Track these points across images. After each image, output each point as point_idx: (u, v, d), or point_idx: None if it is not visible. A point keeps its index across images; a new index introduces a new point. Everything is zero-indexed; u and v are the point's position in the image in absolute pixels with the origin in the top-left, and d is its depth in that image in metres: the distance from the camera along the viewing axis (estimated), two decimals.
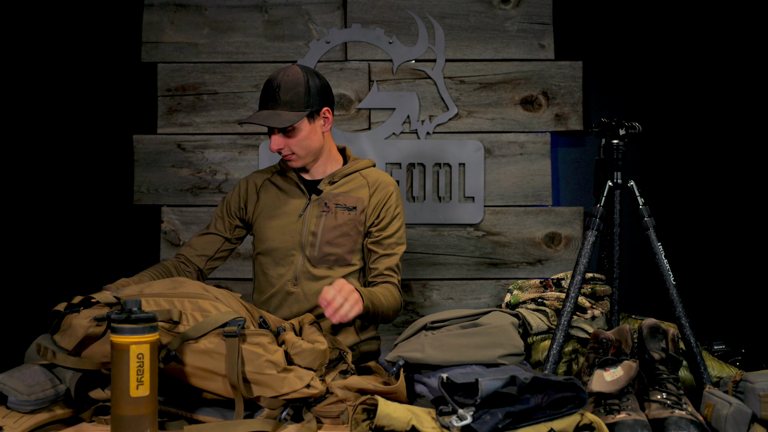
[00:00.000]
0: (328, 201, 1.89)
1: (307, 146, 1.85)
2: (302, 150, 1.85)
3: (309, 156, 1.88)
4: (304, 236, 1.88)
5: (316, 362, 1.37)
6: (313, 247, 1.87)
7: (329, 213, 1.88)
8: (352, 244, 1.88)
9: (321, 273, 1.87)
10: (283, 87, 1.79)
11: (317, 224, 1.88)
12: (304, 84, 1.80)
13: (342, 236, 1.87)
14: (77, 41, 2.85)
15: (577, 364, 1.69)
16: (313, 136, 1.85)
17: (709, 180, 2.81)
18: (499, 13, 2.81)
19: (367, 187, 1.92)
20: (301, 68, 1.83)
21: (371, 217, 1.90)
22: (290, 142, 1.83)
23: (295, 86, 1.80)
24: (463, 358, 1.47)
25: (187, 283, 1.50)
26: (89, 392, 1.39)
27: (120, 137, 2.83)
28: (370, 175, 1.95)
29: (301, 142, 1.83)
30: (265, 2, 2.82)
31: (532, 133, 2.79)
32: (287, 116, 1.79)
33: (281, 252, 1.90)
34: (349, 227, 1.87)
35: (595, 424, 1.22)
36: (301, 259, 1.88)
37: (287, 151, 1.85)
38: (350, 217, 1.88)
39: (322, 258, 1.87)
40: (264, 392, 1.32)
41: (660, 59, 2.84)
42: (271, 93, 1.80)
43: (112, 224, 2.87)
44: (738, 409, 1.28)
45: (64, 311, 1.44)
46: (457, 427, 1.17)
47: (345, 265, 1.88)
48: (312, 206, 1.90)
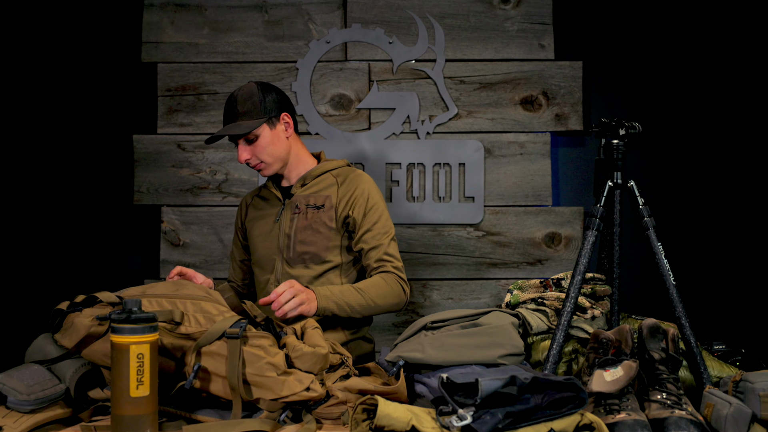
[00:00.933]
0: (299, 203, 1.96)
1: (272, 152, 1.93)
2: (269, 157, 1.93)
3: (277, 162, 1.96)
4: (281, 240, 1.96)
5: (316, 366, 1.37)
6: (289, 249, 1.94)
7: (300, 214, 1.95)
8: (325, 241, 1.92)
9: (298, 273, 1.93)
10: (239, 100, 1.90)
11: (290, 226, 1.95)
12: (258, 93, 1.91)
13: (313, 234, 1.93)
14: (77, 41, 2.85)
15: (577, 364, 1.69)
16: (277, 142, 1.94)
17: (709, 180, 2.81)
18: (499, 13, 2.81)
19: (336, 185, 1.98)
20: (255, 83, 1.94)
21: (342, 213, 1.94)
22: (255, 150, 1.92)
23: (250, 96, 1.90)
24: (463, 358, 1.47)
25: (189, 285, 1.51)
26: (88, 392, 1.39)
27: (120, 137, 2.83)
28: (340, 174, 2.01)
29: (266, 148, 1.92)
30: (265, 2, 2.82)
31: (532, 133, 2.79)
32: (246, 124, 1.88)
33: (265, 259, 2.00)
34: (319, 224, 1.93)
35: (595, 424, 1.22)
36: (281, 262, 1.96)
37: (255, 161, 1.94)
38: (318, 214, 1.93)
39: (297, 258, 1.93)
40: (264, 395, 1.32)
41: (660, 59, 2.84)
42: (230, 108, 1.91)
43: (112, 224, 2.87)
44: (738, 409, 1.28)
45: (66, 310, 1.45)
46: (457, 427, 1.17)
47: (320, 262, 1.93)
48: (285, 210, 1.98)
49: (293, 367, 1.36)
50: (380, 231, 1.93)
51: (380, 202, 1.97)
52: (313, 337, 1.46)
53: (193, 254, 2.79)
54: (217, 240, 2.79)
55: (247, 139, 1.91)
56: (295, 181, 2.01)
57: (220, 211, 2.81)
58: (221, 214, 2.80)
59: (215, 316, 1.40)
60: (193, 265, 2.79)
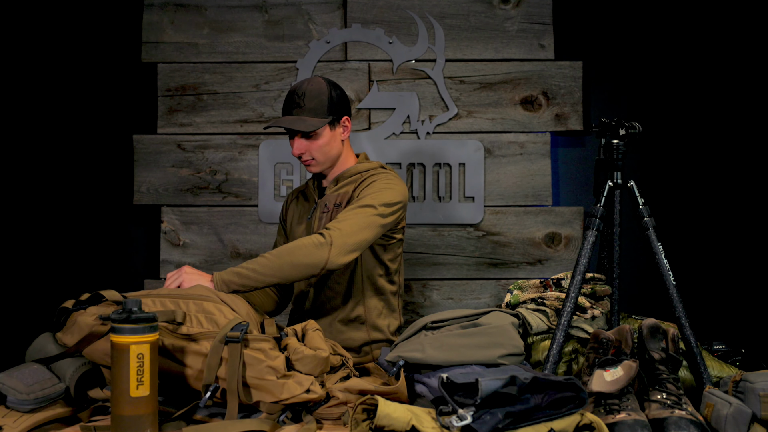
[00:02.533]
0: (328, 203, 1.96)
1: (327, 152, 1.92)
2: (322, 156, 1.92)
3: (327, 162, 1.95)
4: None
5: (317, 369, 1.37)
6: None
7: (328, 213, 1.94)
8: None
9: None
10: (307, 95, 1.87)
11: (319, 225, 1.94)
12: (327, 93, 1.89)
13: None
14: (77, 41, 2.85)
15: (577, 364, 1.69)
16: (333, 143, 1.93)
17: (709, 180, 2.81)
18: (499, 13, 2.81)
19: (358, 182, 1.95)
20: (324, 79, 1.92)
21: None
22: (311, 147, 1.90)
23: (319, 94, 1.87)
24: (463, 358, 1.47)
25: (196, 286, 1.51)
26: (88, 391, 1.39)
27: (120, 137, 2.83)
28: (368, 173, 1.98)
29: (322, 147, 1.90)
30: (265, 2, 2.82)
31: (532, 133, 2.79)
32: (311, 121, 1.86)
33: None
34: None
35: (595, 424, 1.22)
36: None
37: (308, 156, 1.92)
38: (339, 212, 1.91)
39: None
40: (263, 397, 1.33)
41: (660, 59, 2.84)
42: (296, 100, 1.88)
43: (112, 224, 2.87)
44: (738, 409, 1.28)
45: (71, 308, 1.45)
46: (457, 427, 1.17)
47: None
48: (316, 209, 1.98)
49: (293, 369, 1.36)
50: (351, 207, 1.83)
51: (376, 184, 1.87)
52: (314, 339, 1.46)
53: (193, 254, 2.79)
54: (217, 240, 2.79)
55: (307, 135, 1.89)
56: (330, 181, 2.00)
57: (220, 211, 2.81)
58: (221, 214, 2.80)
59: (217, 317, 1.40)
60: (193, 265, 2.79)
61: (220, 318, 1.40)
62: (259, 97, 2.80)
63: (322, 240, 1.72)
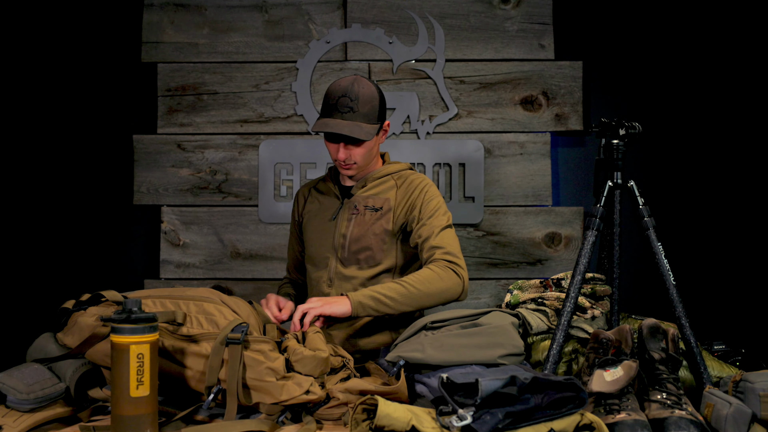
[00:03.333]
0: (357, 204, 1.92)
1: (368, 157, 1.89)
2: (363, 161, 1.88)
3: (366, 165, 1.92)
4: (336, 239, 1.92)
5: (317, 370, 1.37)
6: (344, 249, 1.90)
7: (358, 215, 1.91)
8: (380, 244, 1.89)
9: (351, 273, 1.90)
10: (361, 99, 1.80)
11: (347, 227, 1.91)
12: (378, 98, 1.85)
13: (369, 236, 1.89)
14: (77, 41, 2.85)
15: (577, 364, 1.69)
16: (374, 149, 1.90)
17: (709, 180, 2.81)
18: (499, 13, 2.81)
19: (396, 188, 1.94)
20: (370, 81, 1.86)
21: (399, 217, 1.90)
22: (356, 152, 1.85)
23: (371, 100, 1.82)
24: (463, 358, 1.47)
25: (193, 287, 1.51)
26: (88, 391, 1.39)
27: (120, 137, 2.83)
28: (400, 177, 1.97)
29: (366, 153, 1.87)
30: (265, 2, 2.82)
31: (532, 133, 2.79)
32: (367, 128, 1.81)
33: (319, 256, 1.96)
34: (376, 227, 1.89)
35: (595, 424, 1.22)
36: (334, 261, 1.92)
37: (350, 161, 1.87)
38: (377, 217, 1.90)
39: (351, 258, 1.90)
40: (263, 398, 1.33)
41: (660, 59, 2.84)
42: (349, 104, 1.79)
43: (112, 224, 2.87)
44: (738, 409, 1.28)
45: (72, 308, 1.45)
46: (457, 427, 1.17)
47: (374, 264, 1.90)
48: (343, 210, 1.94)
49: (293, 371, 1.36)
50: (434, 224, 1.86)
51: (436, 199, 1.91)
52: (314, 341, 1.45)
53: (193, 254, 2.79)
54: (217, 240, 2.79)
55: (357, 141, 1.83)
56: (357, 181, 1.96)
57: (220, 211, 2.81)
58: (221, 214, 2.80)
59: (217, 318, 1.40)
60: (193, 265, 2.79)
61: (221, 319, 1.40)
62: (259, 97, 2.80)
63: (457, 275, 1.78)
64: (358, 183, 1.95)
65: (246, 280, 2.80)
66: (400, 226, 1.91)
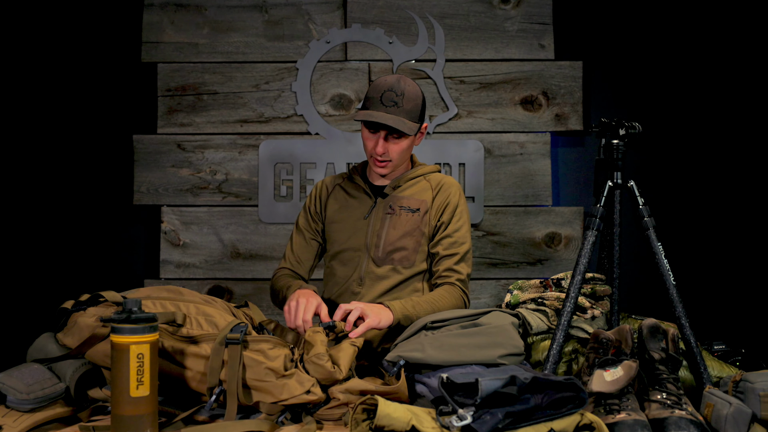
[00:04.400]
0: (393, 204, 1.92)
1: (404, 156, 1.91)
2: (399, 159, 1.89)
3: (400, 165, 1.93)
4: (369, 238, 1.91)
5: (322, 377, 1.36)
6: (378, 248, 1.89)
7: (394, 215, 1.91)
8: (415, 245, 1.89)
9: (385, 273, 1.89)
10: (406, 96, 1.83)
11: (382, 226, 1.90)
12: (422, 98, 1.88)
13: (405, 237, 1.89)
14: (77, 41, 2.85)
15: (577, 364, 1.69)
16: (410, 149, 1.93)
17: (708, 180, 2.81)
18: (499, 13, 2.81)
19: (431, 189, 1.94)
20: (414, 82, 1.89)
21: (434, 219, 1.91)
22: (393, 148, 1.86)
23: (416, 98, 1.86)
24: (463, 358, 1.47)
25: (185, 292, 1.50)
26: (88, 391, 1.39)
27: (120, 137, 2.83)
28: (434, 179, 1.97)
29: (403, 151, 1.88)
30: (265, 2, 2.82)
31: (532, 133, 2.79)
32: (410, 125, 1.83)
33: (348, 253, 1.93)
34: (412, 229, 1.89)
35: (595, 424, 1.22)
36: (366, 260, 1.90)
37: (386, 157, 1.87)
38: (414, 218, 1.90)
39: (386, 259, 1.89)
40: (263, 398, 1.33)
41: (660, 59, 2.84)
42: (394, 98, 1.82)
43: (112, 224, 2.87)
44: (738, 409, 1.28)
45: (71, 309, 1.45)
46: (457, 427, 1.17)
47: (409, 266, 1.89)
48: (377, 209, 1.93)
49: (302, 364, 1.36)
50: (458, 240, 1.89)
51: (466, 213, 1.94)
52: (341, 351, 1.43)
53: (193, 254, 2.79)
54: (217, 240, 2.79)
55: (394, 134, 1.84)
56: (388, 181, 1.96)
57: (220, 211, 2.81)
58: (221, 214, 2.80)
59: (216, 319, 1.40)
60: (193, 265, 2.79)
61: (220, 320, 1.40)
62: (259, 97, 2.80)
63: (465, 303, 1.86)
64: (391, 183, 1.95)
65: (246, 280, 2.80)
66: (434, 229, 1.92)
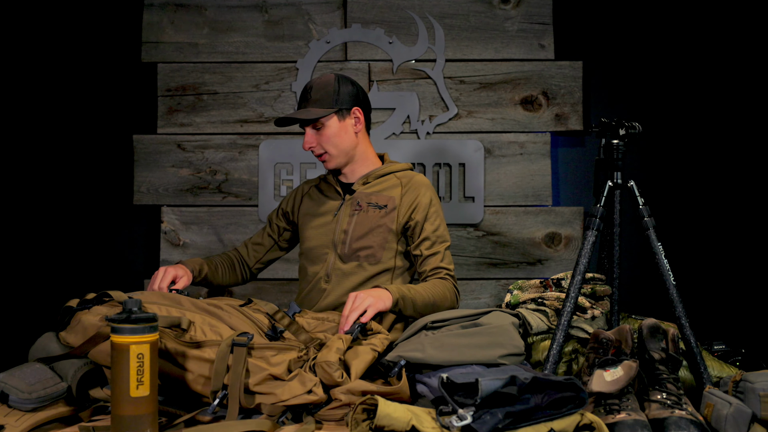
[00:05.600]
0: (360, 200, 1.94)
1: (338, 144, 1.92)
2: (333, 148, 1.92)
3: (341, 156, 1.94)
4: (337, 234, 1.93)
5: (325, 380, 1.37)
6: (344, 245, 1.91)
7: (361, 211, 1.93)
8: (382, 242, 1.90)
9: (351, 270, 1.91)
10: (314, 87, 1.91)
11: (349, 222, 1.92)
12: (333, 85, 1.91)
13: (372, 234, 1.90)
14: (77, 41, 2.85)
15: (577, 364, 1.69)
16: (344, 135, 1.92)
17: (708, 180, 2.81)
18: (499, 13, 2.81)
19: (400, 186, 1.96)
20: (335, 74, 1.95)
21: (403, 217, 1.92)
22: (321, 139, 1.91)
23: (325, 86, 1.90)
24: (463, 358, 1.47)
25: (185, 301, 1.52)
26: (90, 390, 1.39)
27: (120, 137, 2.83)
28: (404, 177, 1.99)
29: (331, 139, 1.90)
30: (265, 2, 2.82)
31: (532, 133, 2.79)
32: (315, 111, 1.88)
33: (317, 251, 1.97)
34: (379, 225, 1.91)
35: (595, 424, 1.22)
36: (333, 257, 1.93)
37: (319, 150, 1.93)
38: (381, 215, 1.91)
39: (352, 255, 1.91)
40: (265, 398, 1.33)
41: (660, 59, 2.84)
42: (304, 95, 1.92)
43: (112, 224, 2.87)
44: (738, 409, 1.28)
45: (76, 307, 1.45)
46: (457, 427, 1.17)
47: (375, 263, 1.91)
48: (345, 206, 1.96)
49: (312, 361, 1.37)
50: (438, 240, 1.92)
51: (440, 210, 1.97)
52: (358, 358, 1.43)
53: (193, 254, 2.79)
54: (217, 240, 2.79)
55: (315, 126, 1.90)
56: (358, 178, 1.99)
57: (220, 211, 2.81)
58: (221, 214, 2.80)
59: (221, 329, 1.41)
60: None
61: (224, 330, 1.41)
62: (259, 97, 2.80)
63: (456, 295, 1.89)
64: (359, 180, 1.97)
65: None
66: (403, 226, 1.92)
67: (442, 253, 1.91)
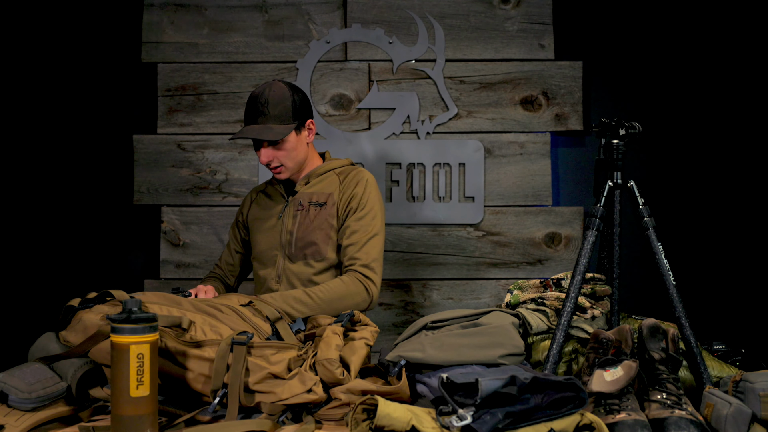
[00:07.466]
0: (302, 200, 1.98)
1: (295, 157, 1.94)
2: (290, 161, 1.94)
3: (296, 167, 1.98)
4: (283, 236, 1.97)
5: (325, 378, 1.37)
6: (291, 246, 1.95)
7: (303, 211, 1.96)
8: (325, 238, 1.94)
9: (299, 269, 1.94)
10: (271, 102, 1.88)
11: (293, 223, 1.96)
12: (290, 98, 1.90)
13: (315, 231, 1.94)
14: (77, 41, 2.85)
15: (577, 364, 1.69)
16: (300, 147, 1.95)
17: (709, 180, 2.81)
18: (499, 13, 2.81)
19: (338, 182, 1.99)
20: (284, 83, 1.93)
21: (342, 211, 1.95)
22: (279, 154, 1.92)
23: (283, 100, 1.89)
24: (463, 358, 1.47)
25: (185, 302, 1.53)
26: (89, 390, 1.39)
27: (120, 137, 2.83)
28: (342, 172, 2.02)
29: (290, 153, 1.92)
30: (265, 2, 2.82)
31: (532, 133, 2.79)
32: (278, 129, 1.88)
33: (266, 254, 2.01)
34: (321, 222, 1.94)
35: (595, 424, 1.22)
36: (282, 258, 1.97)
37: (276, 163, 1.94)
38: (321, 212, 1.95)
39: (298, 254, 1.95)
40: (265, 398, 1.34)
41: (660, 59, 2.84)
42: (259, 108, 1.88)
43: (112, 224, 2.87)
44: (738, 409, 1.28)
45: (77, 306, 1.45)
46: (457, 427, 1.17)
47: (320, 259, 1.94)
48: (289, 207, 1.99)
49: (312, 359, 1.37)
50: (362, 229, 1.92)
51: (373, 202, 1.96)
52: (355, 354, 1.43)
53: (193, 254, 2.79)
54: (217, 240, 2.79)
55: (273, 142, 1.90)
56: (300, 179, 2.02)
57: (220, 211, 2.81)
58: (221, 214, 2.80)
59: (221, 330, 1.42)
60: (193, 265, 2.79)
61: (225, 330, 1.41)
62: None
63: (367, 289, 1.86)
64: (301, 180, 2.00)
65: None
66: (343, 221, 1.95)
67: (361, 242, 1.90)
